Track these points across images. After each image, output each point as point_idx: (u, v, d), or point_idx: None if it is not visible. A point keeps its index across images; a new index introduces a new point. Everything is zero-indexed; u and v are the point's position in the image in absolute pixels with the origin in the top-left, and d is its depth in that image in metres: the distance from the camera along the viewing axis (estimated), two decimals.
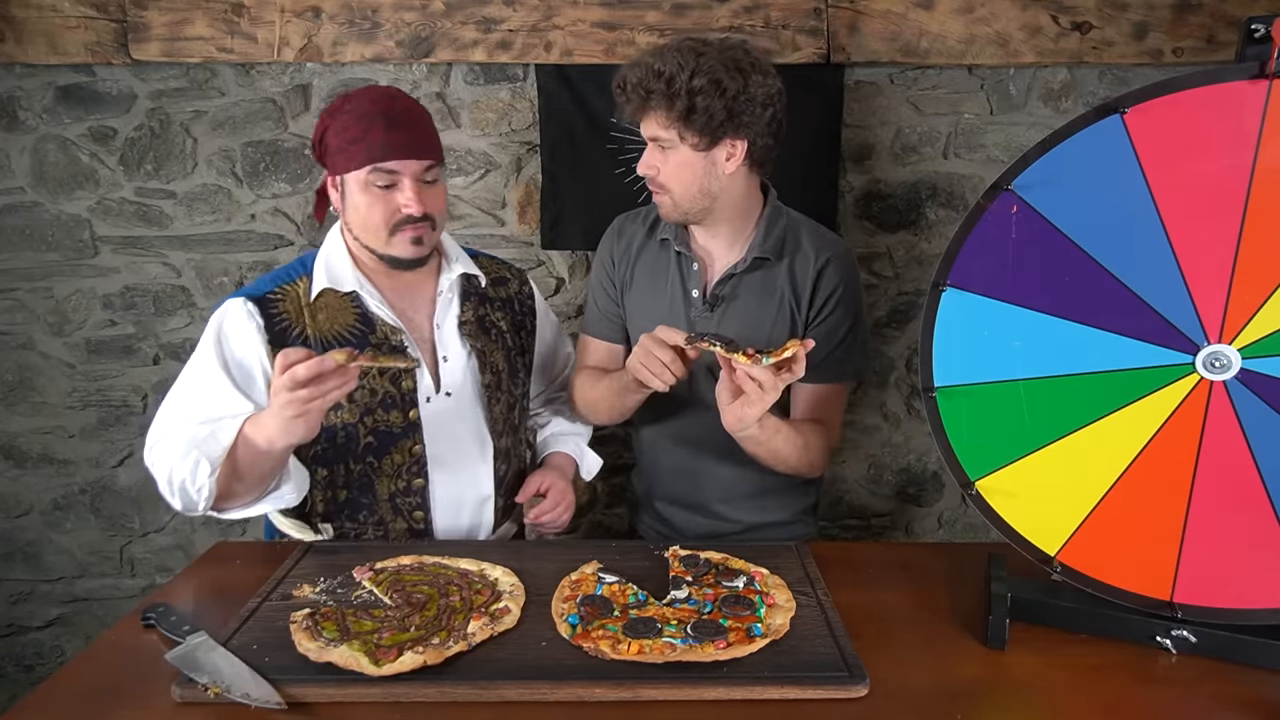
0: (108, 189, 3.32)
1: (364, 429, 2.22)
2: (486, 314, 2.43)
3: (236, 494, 2.03)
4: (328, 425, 2.16)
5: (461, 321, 2.36)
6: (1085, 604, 1.75)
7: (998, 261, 1.71)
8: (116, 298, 3.39)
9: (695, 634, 1.65)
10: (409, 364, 1.95)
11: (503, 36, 3.16)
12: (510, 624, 1.73)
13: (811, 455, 2.34)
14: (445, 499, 2.31)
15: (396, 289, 2.30)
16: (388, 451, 2.24)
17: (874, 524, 3.65)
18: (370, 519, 2.26)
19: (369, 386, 2.21)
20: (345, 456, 2.23)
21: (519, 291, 2.56)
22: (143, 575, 3.61)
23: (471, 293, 2.42)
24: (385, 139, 2.12)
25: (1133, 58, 3.18)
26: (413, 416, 2.24)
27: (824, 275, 2.37)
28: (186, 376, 2.16)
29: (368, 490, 2.25)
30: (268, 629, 1.72)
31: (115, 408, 3.46)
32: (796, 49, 3.17)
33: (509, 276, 2.56)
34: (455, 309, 2.37)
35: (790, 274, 2.38)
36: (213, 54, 3.15)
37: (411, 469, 2.26)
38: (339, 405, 2.16)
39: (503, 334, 2.45)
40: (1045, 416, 1.72)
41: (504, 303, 2.50)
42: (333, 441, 2.21)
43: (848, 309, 2.38)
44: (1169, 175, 1.60)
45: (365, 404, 2.21)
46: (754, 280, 2.38)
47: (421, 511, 2.28)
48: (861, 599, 1.88)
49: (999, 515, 1.78)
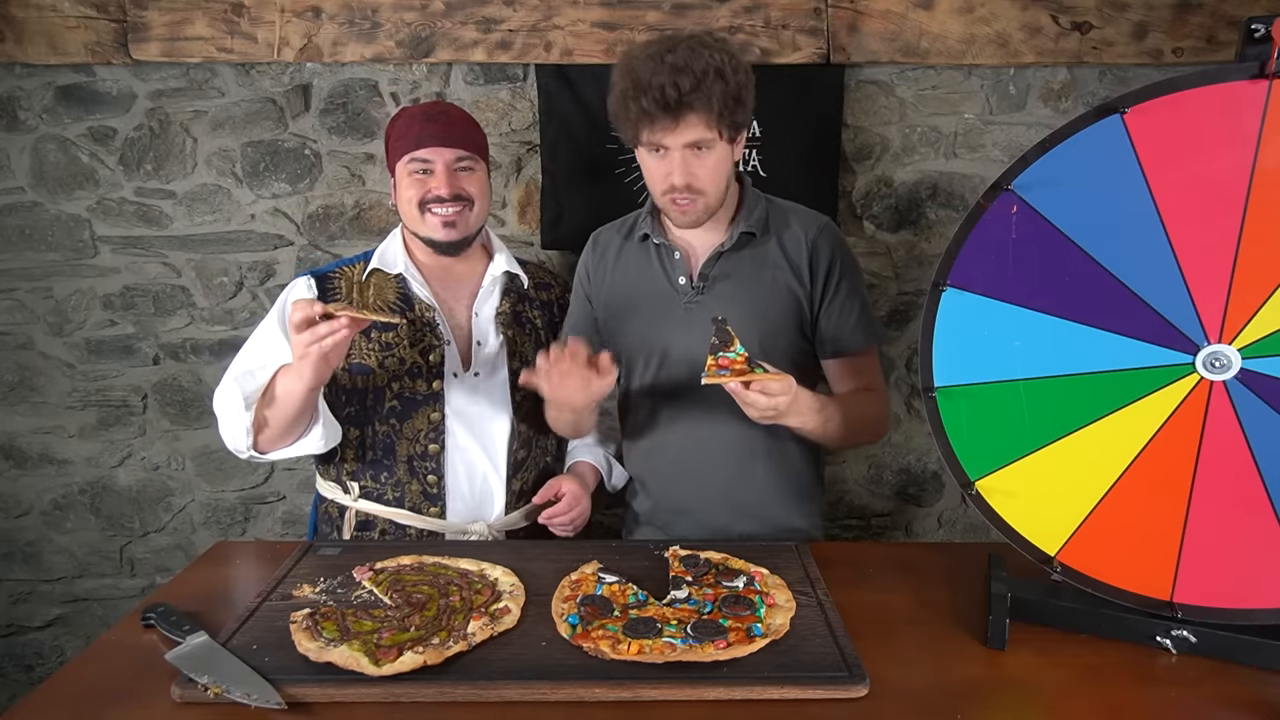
0: (107, 189, 3.32)
1: (390, 393, 2.44)
2: (524, 310, 2.62)
3: (272, 432, 2.25)
4: (360, 387, 2.44)
5: (499, 312, 2.57)
6: (1085, 604, 1.76)
7: (998, 261, 1.72)
8: (116, 298, 3.38)
9: (695, 634, 1.65)
10: (390, 319, 2.15)
11: (503, 36, 3.16)
12: (510, 624, 1.73)
13: (873, 423, 2.46)
14: (459, 468, 2.47)
15: (441, 278, 2.56)
16: (409, 416, 2.45)
17: (874, 524, 3.65)
18: (390, 480, 2.46)
19: (398, 356, 2.44)
20: (372, 418, 2.46)
21: (560, 298, 2.73)
22: (142, 575, 3.61)
23: (512, 290, 2.63)
24: (422, 131, 2.42)
25: (1133, 58, 3.18)
26: (436, 387, 2.46)
27: (818, 247, 2.38)
28: (253, 338, 2.43)
29: (389, 452, 2.46)
30: (268, 629, 1.72)
31: (115, 408, 3.45)
32: (796, 49, 3.17)
33: (553, 283, 2.76)
34: (494, 300, 2.58)
35: (782, 250, 2.38)
36: (213, 54, 3.15)
37: (429, 435, 2.45)
38: (369, 370, 2.43)
39: (537, 330, 2.63)
40: (1045, 416, 1.72)
41: (544, 305, 2.68)
42: (362, 403, 2.45)
43: (852, 276, 2.42)
44: (1169, 175, 1.60)
45: (394, 370, 2.44)
46: (744, 258, 2.38)
47: (435, 476, 2.45)
48: (862, 599, 1.89)
49: (999, 515, 1.78)
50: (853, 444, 2.32)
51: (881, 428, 2.52)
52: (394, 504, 2.45)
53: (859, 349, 2.43)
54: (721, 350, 2.00)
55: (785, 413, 2.06)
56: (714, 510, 2.44)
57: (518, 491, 2.53)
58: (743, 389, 1.98)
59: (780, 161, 3.26)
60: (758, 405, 2.00)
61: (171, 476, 3.50)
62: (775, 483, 2.43)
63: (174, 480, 3.50)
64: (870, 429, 2.47)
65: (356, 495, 2.47)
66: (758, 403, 1.99)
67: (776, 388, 1.99)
